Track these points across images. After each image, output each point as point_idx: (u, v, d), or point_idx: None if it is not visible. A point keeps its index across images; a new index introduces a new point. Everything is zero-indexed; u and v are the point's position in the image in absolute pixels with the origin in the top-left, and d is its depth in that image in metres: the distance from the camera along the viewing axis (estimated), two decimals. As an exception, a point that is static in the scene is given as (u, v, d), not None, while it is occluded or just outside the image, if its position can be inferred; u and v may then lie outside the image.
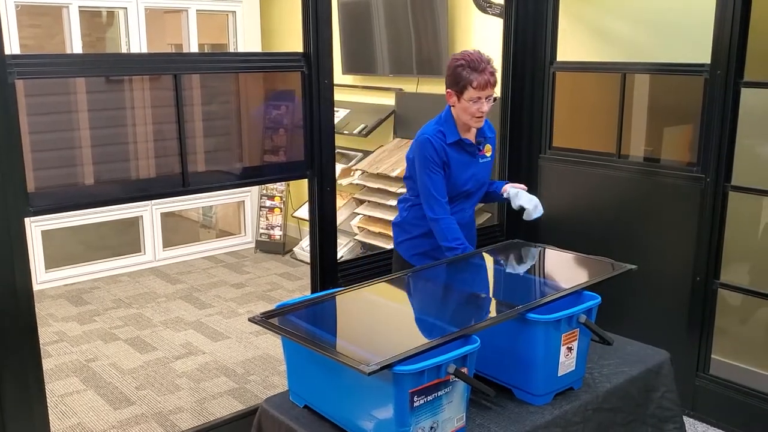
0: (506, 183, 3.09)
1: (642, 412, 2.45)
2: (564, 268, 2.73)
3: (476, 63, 2.79)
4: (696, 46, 3.39)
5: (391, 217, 4.60)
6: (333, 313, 2.30)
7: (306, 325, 2.17)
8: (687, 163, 3.51)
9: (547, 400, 2.22)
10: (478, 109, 2.82)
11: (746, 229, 3.53)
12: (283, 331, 2.05)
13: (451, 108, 2.92)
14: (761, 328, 3.71)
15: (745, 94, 3.20)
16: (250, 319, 2.12)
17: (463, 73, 2.79)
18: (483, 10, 4.73)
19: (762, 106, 3.33)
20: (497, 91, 4.07)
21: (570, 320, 2.17)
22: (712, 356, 3.46)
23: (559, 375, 2.22)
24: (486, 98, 2.82)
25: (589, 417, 2.25)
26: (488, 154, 3.04)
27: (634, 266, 2.59)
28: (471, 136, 2.96)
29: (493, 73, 2.81)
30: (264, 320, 2.10)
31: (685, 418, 2.89)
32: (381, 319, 2.31)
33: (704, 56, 3.29)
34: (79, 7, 5.45)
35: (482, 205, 3.74)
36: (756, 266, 3.59)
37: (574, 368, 2.26)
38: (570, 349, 2.21)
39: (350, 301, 2.35)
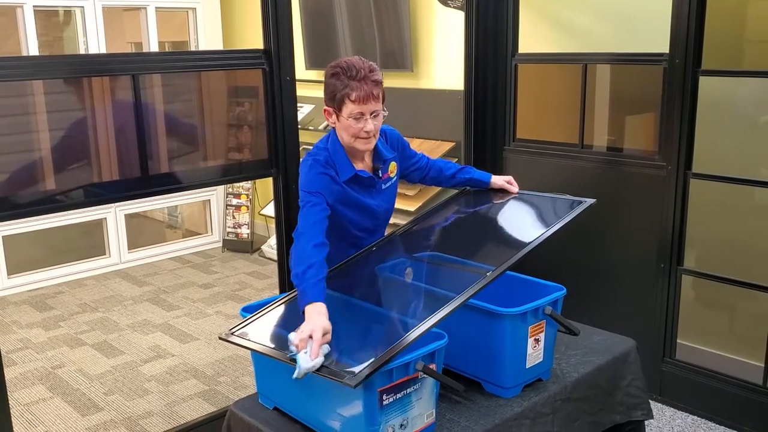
0: (491, 176, 2.78)
1: (610, 401, 2.48)
2: (520, 218, 2.65)
3: (354, 70, 2.24)
4: (655, 36, 3.43)
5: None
6: (296, 314, 2.26)
7: (275, 329, 2.15)
8: (649, 152, 3.55)
9: (516, 393, 2.24)
10: (361, 129, 2.27)
11: (708, 216, 3.59)
12: (252, 347, 2.05)
13: (335, 130, 2.37)
14: (724, 313, 3.77)
15: (703, 82, 3.25)
16: (220, 338, 2.13)
17: (338, 83, 2.25)
18: (444, 3, 4.74)
19: (719, 94, 3.39)
20: (458, 85, 4.11)
21: (536, 312, 2.19)
22: (678, 341, 3.51)
23: (527, 367, 2.23)
24: (371, 114, 2.27)
25: (559, 407, 2.27)
26: (392, 175, 2.53)
27: (593, 200, 2.59)
28: (367, 165, 2.45)
29: (377, 83, 2.26)
30: (232, 336, 2.10)
31: (653, 403, 2.93)
32: (346, 317, 2.27)
33: (663, 46, 3.32)
34: (34, 6, 5.34)
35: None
36: (718, 252, 3.65)
37: (541, 360, 2.27)
38: (537, 340, 2.23)
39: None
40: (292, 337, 1.90)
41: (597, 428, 2.43)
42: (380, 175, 2.47)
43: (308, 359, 1.82)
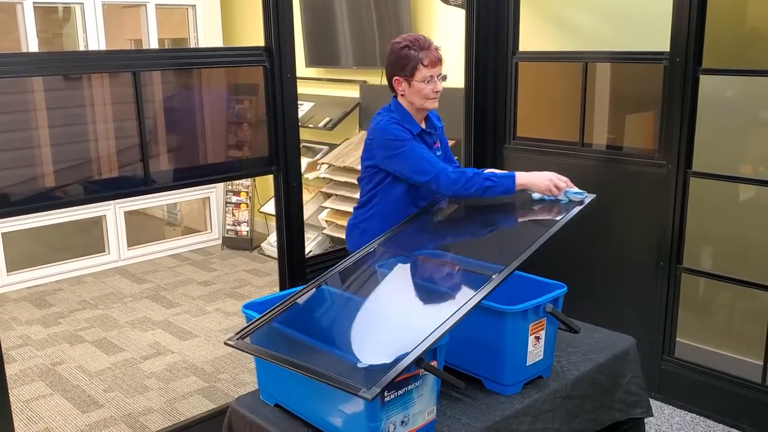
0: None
1: (610, 398, 2.48)
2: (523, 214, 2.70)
3: (421, 42, 2.68)
4: (655, 35, 3.43)
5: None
6: (304, 315, 2.26)
7: (281, 327, 2.15)
8: (649, 151, 3.55)
9: (516, 390, 2.24)
10: (432, 89, 2.68)
11: (707, 214, 3.59)
12: (261, 355, 2.02)
13: (400, 98, 2.76)
14: (723, 311, 3.78)
15: (704, 81, 3.25)
16: (225, 343, 2.08)
17: (411, 53, 2.66)
18: (445, 1, 4.73)
19: (719, 93, 3.39)
20: (460, 82, 4.11)
21: (537, 310, 2.19)
22: (677, 339, 3.52)
23: (527, 364, 2.24)
24: (438, 76, 2.70)
25: (559, 405, 2.28)
26: (438, 146, 2.90)
27: (593, 195, 2.70)
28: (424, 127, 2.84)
29: (438, 50, 2.71)
30: (239, 342, 2.07)
31: (652, 401, 2.93)
32: (353, 314, 2.27)
33: (664, 44, 3.33)
34: (34, 3, 5.34)
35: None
36: (717, 250, 3.66)
37: (542, 357, 2.28)
38: (538, 338, 2.23)
39: (319, 298, 2.33)
40: (537, 196, 2.58)
41: (597, 425, 2.44)
42: (435, 140, 2.84)
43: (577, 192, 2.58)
